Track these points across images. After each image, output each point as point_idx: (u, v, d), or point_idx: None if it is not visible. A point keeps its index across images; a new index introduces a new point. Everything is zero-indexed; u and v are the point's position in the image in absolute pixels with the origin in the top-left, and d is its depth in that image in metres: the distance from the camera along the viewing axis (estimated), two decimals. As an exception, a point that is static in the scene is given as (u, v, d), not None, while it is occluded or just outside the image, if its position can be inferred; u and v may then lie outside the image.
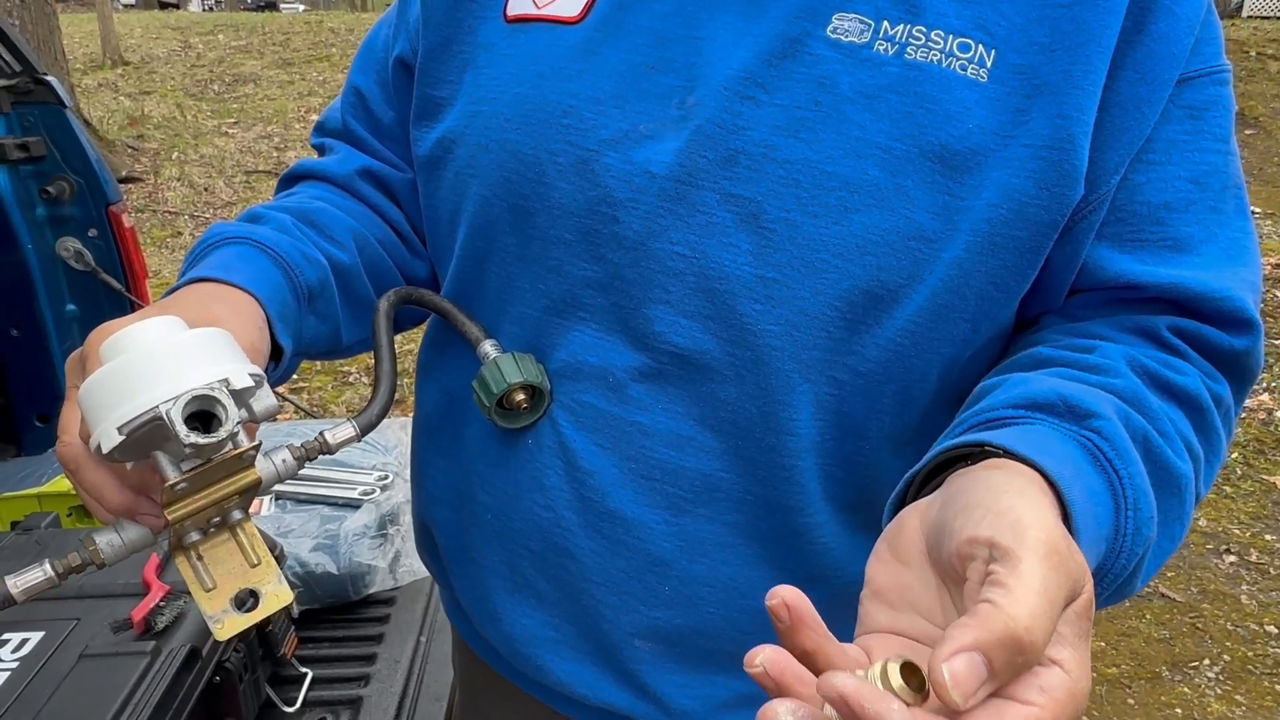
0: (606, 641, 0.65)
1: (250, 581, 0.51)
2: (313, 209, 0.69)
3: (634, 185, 0.57)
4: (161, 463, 0.45)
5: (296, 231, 0.66)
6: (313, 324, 0.65)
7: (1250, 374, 0.58)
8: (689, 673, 0.66)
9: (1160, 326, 0.57)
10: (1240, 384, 0.59)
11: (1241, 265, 0.57)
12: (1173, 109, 0.56)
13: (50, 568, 0.49)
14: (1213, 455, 0.56)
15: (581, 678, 0.67)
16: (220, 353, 0.47)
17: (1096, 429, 0.48)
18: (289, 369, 0.65)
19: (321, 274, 0.65)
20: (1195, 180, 0.56)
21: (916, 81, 0.54)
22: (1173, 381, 0.54)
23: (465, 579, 0.73)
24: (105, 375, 0.45)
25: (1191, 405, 0.54)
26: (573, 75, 0.59)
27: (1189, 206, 0.56)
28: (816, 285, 0.56)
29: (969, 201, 0.54)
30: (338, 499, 1.38)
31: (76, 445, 0.48)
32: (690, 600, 0.63)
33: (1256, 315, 0.56)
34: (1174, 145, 0.56)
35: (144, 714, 0.84)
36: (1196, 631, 2.48)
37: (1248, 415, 3.37)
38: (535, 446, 0.64)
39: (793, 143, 0.55)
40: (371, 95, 0.74)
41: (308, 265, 0.64)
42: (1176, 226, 0.56)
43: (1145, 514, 0.47)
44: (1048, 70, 0.53)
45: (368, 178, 0.74)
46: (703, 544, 0.62)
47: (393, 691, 1.16)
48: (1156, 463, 0.50)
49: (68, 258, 1.72)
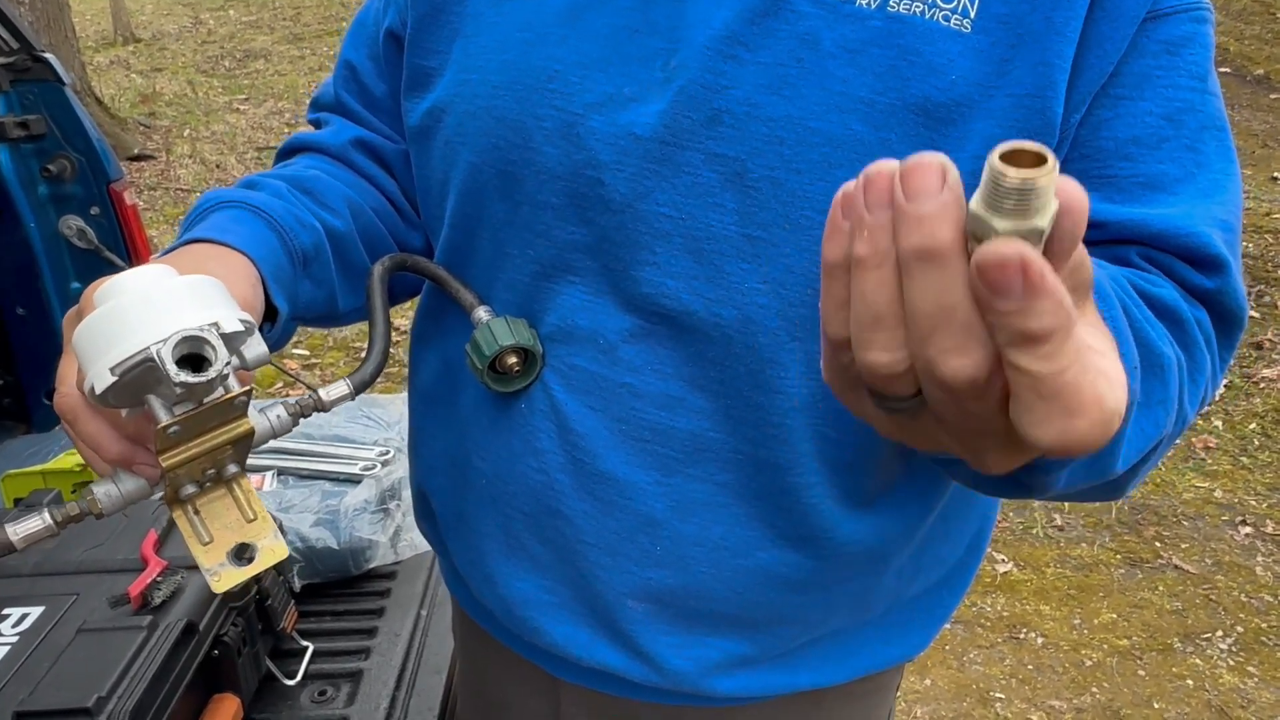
0: (600, 602, 0.66)
1: (246, 536, 0.51)
2: (307, 177, 0.70)
3: (619, 148, 0.57)
4: (154, 405, 0.45)
5: (291, 197, 0.66)
6: (308, 288, 0.66)
7: (1229, 313, 0.56)
8: (682, 633, 0.66)
9: (1131, 254, 0.56)
10: (1219, 324, 0.56)
11: (1215, 203, 0.55)
12: (1147, 43, 0.54)
13: (49, 515, 0.50)
14: (1197, 373, 0.53)
15: (577, 639, 0.68)
16: (211, 298, 0.47)
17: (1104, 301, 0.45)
18: (286, 332, 0.66)
19: (316, 238, 0.66)
20: (1168, 116, 0.55)
21: (899, 34, 0.53)
22: (1146, 289, 0.53)
23: (462, 545, 0.74)
24: (98, 319, 0.45)
25: (1169, 315, 0.53)
26: (557, 40, 0.59)
27: (1161, 143, 0.55)
28: (802, 242, 0.56)
29: (953, 154, 0.53)
30: (339, 474, 1.39)
31: (73, 395, 0.48)
32: (682, 560, 0.64)
33: (1224, 252, 0.54)
34: (1146, 79, 0.55)
35: (140, 687, 0.85)
36: (1210, 603, 2.46)
37: (1266, 385, 3.32)
38: (528, 410, 0.65)
39: (776, 100, 0.55)
40: (363, 69, 0.75)
41: (302, 229, 0.64)
42: (1148, 163, 0.55)
43: (1128, 361, 0.43)
44: (1031, 18, 0.53)
45: (361, 148, 0.75)
46: (693, 504, 0.63)
47: (393, 664, 1.17)
48: (1140, 337, 0.47)
49: (71, 236, 1.73)
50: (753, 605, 0.65)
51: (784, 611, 0.66)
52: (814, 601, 0.66)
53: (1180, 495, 2.90)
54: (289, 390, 3.48)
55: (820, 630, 0.68)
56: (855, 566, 0.65)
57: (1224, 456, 3.05)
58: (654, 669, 0.67)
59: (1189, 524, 2.77)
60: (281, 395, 3.30)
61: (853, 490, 0.62)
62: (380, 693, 1.12)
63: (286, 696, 1.11)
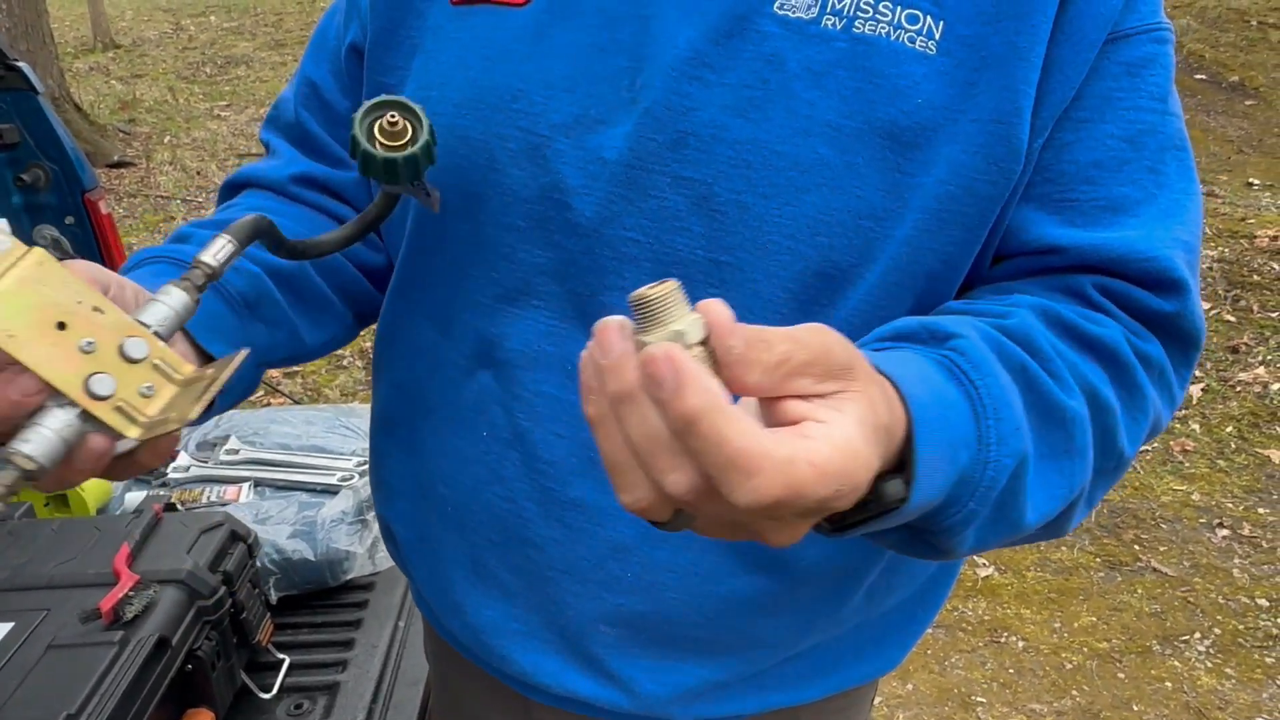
0: (571, 629, 0.66)
1: (112, 355, 0.45)
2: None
3: (587, 172, 0.57)
4: None
5: None
6: (262, 331, 0.65)
7: (1187, 336, 0.57)
8: (655, 658, 0.66)
9: (1086, 285, 0.56)
10: (1177, 346, 0.57)
11: (1177, 223, 0.55)
12: (1108, 65, 0.54)
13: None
14: (1138, 413, 0.54)
15: (546, 667, 0.67)
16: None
17: (953, 346, 0.48)
18: (254, 379, 0.66)
19: (254, 282, 0.65)
20: (1129, 139, 0.55)
21: (865, 56, 0.53)
22: (1087, 331, 0.53)
23: (427, 571, 0.73)
24: None
25: (1108, 357, 0.53)
26: (521, 58, 0.58)
27: (1122, 166, 0.55)
28: (769, 267, 0.55)
29: (919, 178, 0.54)
30: (315, 485, 1.38)
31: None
32: (653, 586, 0.63)
33: (1185, 275, 0.55)
34: (1107, 101, 0.55)
35: (110, 704, 0.84)
36: (1188, 605, 2.49)
37: (1242, 389, 3.36)
38: (491, 438, 0.64)
39: (741, 123, 0.54)
40: (325, 85, 0.74)
41: (235, 274, 0.63)
42: (1109, 186, 0.55)
43: (1010, 424, 0.46)
44: (994, 41, 0.52)
45: (305, 183, 0.74)
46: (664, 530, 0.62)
47: (370, 677, 1.16)
48: (1038, 393, 0.49)
49: (45, 246, 1.71)
50: (725, 629, 0.65)
51: (756, 634, 0.66)
52: (786, 623, 0.66)
53: (1158, 498, 2.92)
54: (270, 399, 3.46)
55: (793, 650, 0.68)
56: (826, 587, 0.65)
57: (1201, 460, 3.08)
58: (626, 694, 0.66)
59: (1167, 527, 2.80)
60: (262, 405, 3.28)
61: None
62: (357, 705, 1.11)
63: (263, 710, 1.10)
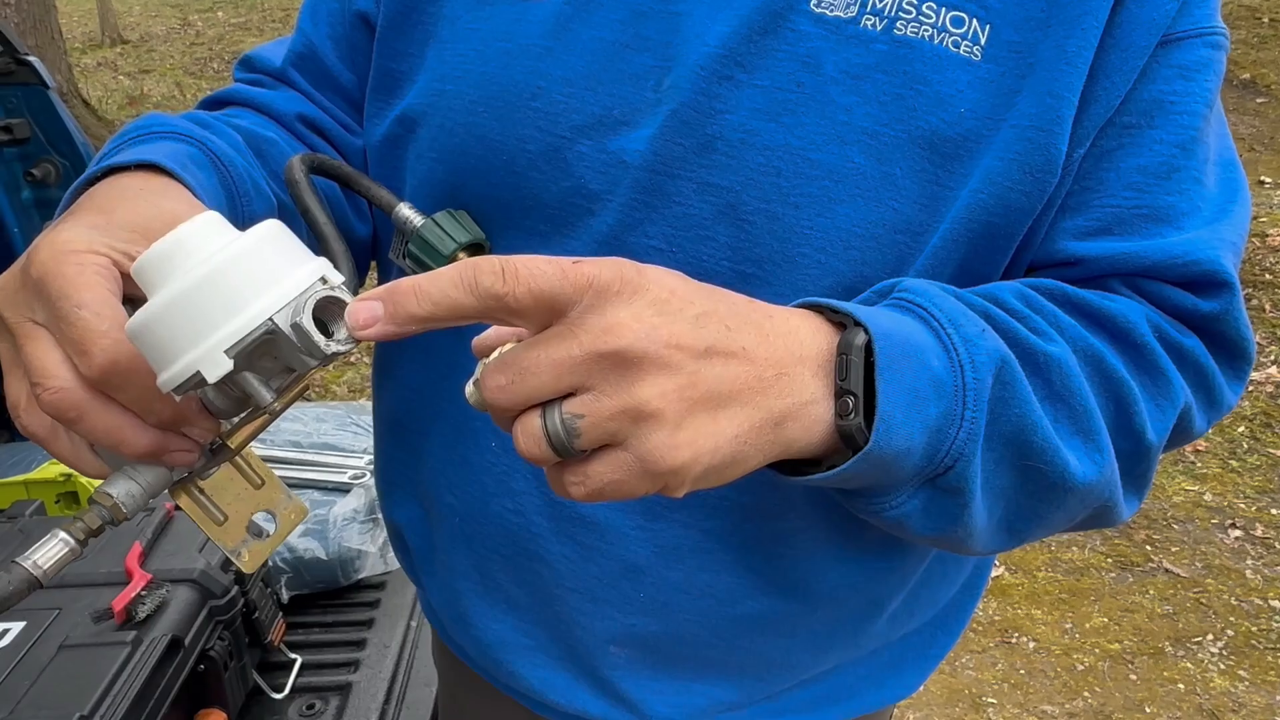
0: (581, 648, 0.64)
1: (261, 504, 0.47)
2: (264, 139, 0.63)
3: (609, 176, 0.54)
4: (253, 385, 0.39)
5: (249, 156, 0.60)
6: None
7: (1232, 343, 0.54)
8: (665, 679, 0.64)
9: (1113, 282, 0.54)
10: (1224, 355, 0.54)
11: (1224, 226, 0.53)
12: (1159, 69, 0.52)
13: (68, 536, 0.42)
14: (1161, 398, 0.51)
15: (554, 684, 0.66)
16: (296, 249, 0.40)
17: (900, 290, 0.48)
18: None
19: (270, 212, 0.60)
20: (1181, 145, 0.52)
21: (906, 60, 0.50)
22: (1088, 300, 0.51)
23: (435, 581, 0.71)
24: (182, 297, 0.37)
25: (1115, 331, 0.51)
26: (541, 53, 0.55)
27: (1171, 173, 0.52)
28: (798, 281, 0.53)
29: (956, 191, 0.51)
30: (327, 483, 1.37)
31: (70, 388, 0.41)
32: (666, 607, 0.61)
33: (1230, 274, 0.52)
34: (1159, 106, 0.52)
35: (123, 705, 0.83)
36: (1200, 607, 2.47)
37: (1254, 388, 3.34)
38: (500, 449, 0.62)
39: (773, 127, 0.51)
40: (324, 49, 0.67)
41: (257, 196, 0.58)
42: (1155, 194, 0.52)
43: (972, 327, 0.45)
44: (1043, 47, 0.50)
45: (312, 127, 0.67)
46: (679, 550, 0.60)
47: (382, 677, 1.15)
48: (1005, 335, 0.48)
49: (55, 241, 1.70)
50: (740, 651, 0.63)
51: (772, 657, 0.64)
52: (803, 646, 0.64)
53: (1170, 499, 2.90)
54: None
55: (809, 674, 0.66)
56: (847, 612, 0.63)
57: (1213, 460, 3.06)
58: (636, 715, 0.65)
59: (1179, 527, 2.78)
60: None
61: (845, 535, 0.60)
62: (369, 706, 1.11)
63: (274, 711, 1.09)
